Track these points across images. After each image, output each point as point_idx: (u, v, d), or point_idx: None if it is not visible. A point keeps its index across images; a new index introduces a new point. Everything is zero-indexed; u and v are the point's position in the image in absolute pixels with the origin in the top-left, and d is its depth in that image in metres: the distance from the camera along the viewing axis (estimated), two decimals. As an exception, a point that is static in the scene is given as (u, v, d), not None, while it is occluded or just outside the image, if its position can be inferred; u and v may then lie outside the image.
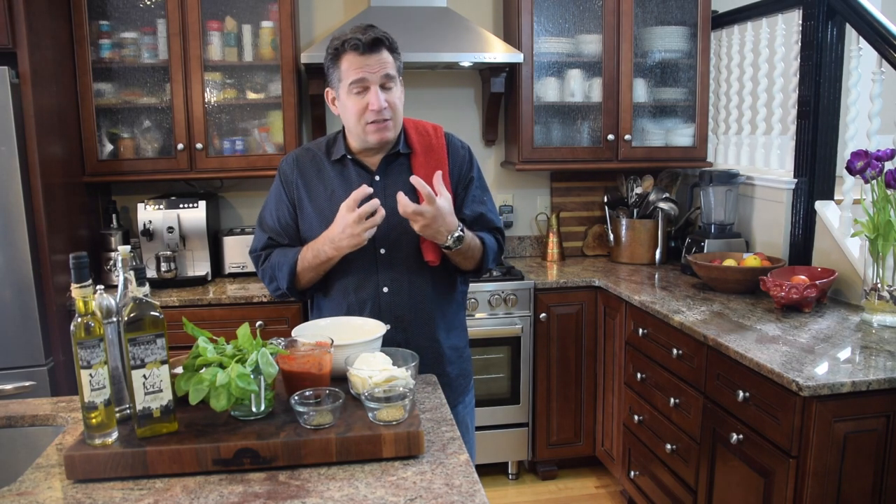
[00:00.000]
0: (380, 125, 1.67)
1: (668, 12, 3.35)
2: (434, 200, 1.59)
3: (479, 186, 1.84)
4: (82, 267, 1.22)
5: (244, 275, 3.19)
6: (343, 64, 1.66)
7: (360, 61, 1.64)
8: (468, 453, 1.31)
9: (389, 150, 1.77)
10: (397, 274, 1.75)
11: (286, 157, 1.85)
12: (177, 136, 3.04)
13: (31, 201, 2.58)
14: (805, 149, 2.71)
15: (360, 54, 1.64)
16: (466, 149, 1.87)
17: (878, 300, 2.21)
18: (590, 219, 3.70)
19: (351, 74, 1.65)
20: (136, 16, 3.03)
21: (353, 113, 1.68)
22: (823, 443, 1.79)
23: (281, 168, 1.83)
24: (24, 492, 1.21)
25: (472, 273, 1.83)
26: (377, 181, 1.76)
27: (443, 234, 1.64)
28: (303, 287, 1.79)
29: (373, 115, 1.66)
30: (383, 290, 1.75)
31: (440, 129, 1.84)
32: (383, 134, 1.69)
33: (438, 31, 3.09)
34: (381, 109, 1.66)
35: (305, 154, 1.82)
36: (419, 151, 1.78)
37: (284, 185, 1.81)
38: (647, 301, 2.64)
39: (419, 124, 1.84)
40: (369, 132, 1.68)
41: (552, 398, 3.14)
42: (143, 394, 1.26)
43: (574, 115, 3.41)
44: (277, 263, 1.78)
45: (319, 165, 1.80)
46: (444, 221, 1.63)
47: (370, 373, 1.37)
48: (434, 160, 1.77)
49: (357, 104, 1.67)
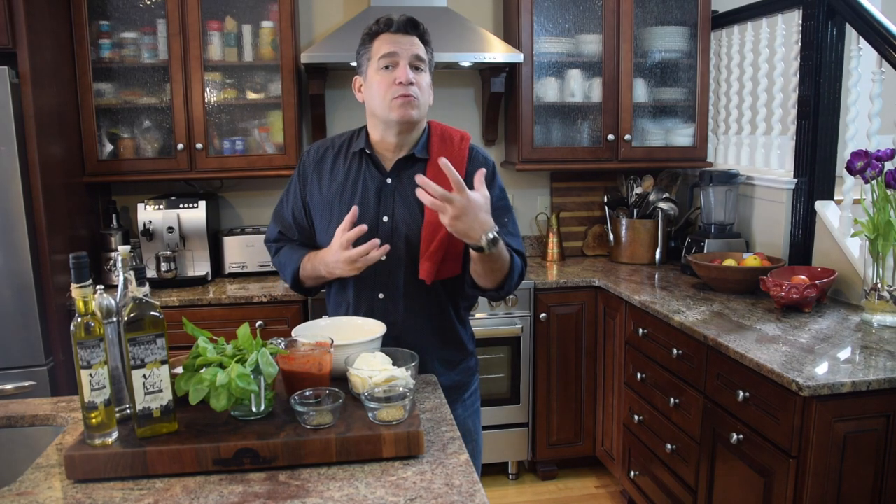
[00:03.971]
0: (405, 100, 1.61)
1: (668, 12, 3.35)
2: (464, 189, 1.43)
3: (499, 206, 1.70)
4: (82, 267, 1.22)
5: (244, 275, 3.19)
6: (375, 43, 1.65)
7: (393, 38, 1.63)
8: (467, 456, 1.31)
9: (407, 152, 1.71)
10: (396, 282, 1.71)
11: (308, 147, 1.84)
12: (177, 136, 3.04)
13: (31, 201, 2.58)
14: (805, 149, 2.71)
15: (394, 33, 1.63)
16: (491, 165, 1.77)
17: (878, 300, 2.21)
18: (590, 219, 3.70)
19: (382, 49, 1.63)
20: (136, 16, 3.03)
21: (381, 88, 1.63)
22: (823, 443, 1.79)
23: (301, 159, 1.83)
24: (24, 492, 1.21)
25: (493, 291, 1.67)
26: (388, 183, 1.72)
27: (476, 232, 1.47)
28: (308, 287, 1.81)
29: (400, 89, 1.60)
30: (379, 296, 1.72)
31: (467, 140, 1.76)
32: (407, 111, 1.62)
33: (438, 31, 3.09)
34: (409, 84, 1.61)
35: (325, 145, 1.81)
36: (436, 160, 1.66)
37: (300, 176, 1.81)
38: (647, 301, 2.64)
39: (446, 131, 1.77)
40: (394, 108, 1.62)
41: (552, 398, 3.14)
42: (143, 394, 1.26)
43: (574, 115, 3.41)
44: (283, 264, 1.80)
45: (336, 157, 1.77)
46: (478, 217, 1.46)
47: (370, 373, 1.37)
48: None
49: (385, 79, 1.62)
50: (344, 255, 1.57)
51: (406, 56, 1.63)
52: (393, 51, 1.62)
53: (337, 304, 1.80)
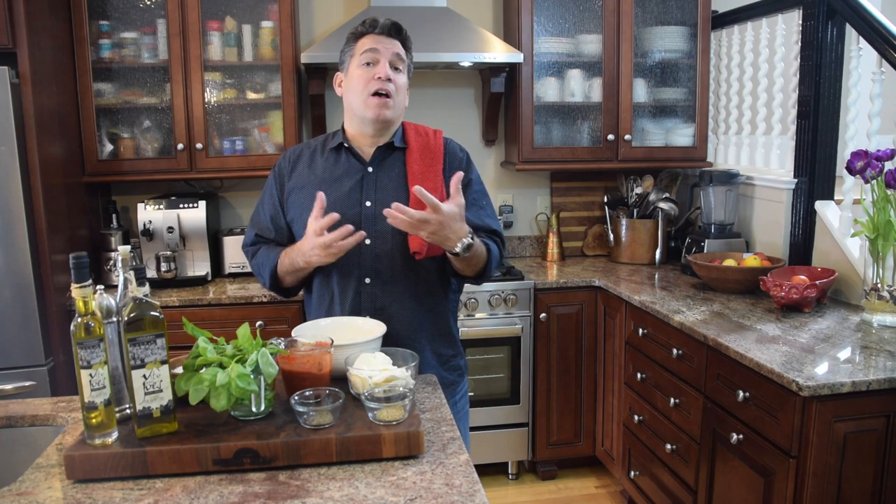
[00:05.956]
0: (381, 100, 1.69)
1: (668, 12, 3.35)
2: (439, 209, 1.51)
3: (476, 190, 1.82)
4: (82, 267, 1.22)
5: (244, 275, 3.19)
6: (359, 43, 1.74)
7: (377, 39, 1.72)
8: (467, 456, 1.31)
9: (385, 142, 1.77)
10: (382, 266, 1.72)
11: (283, 153, 1.88)
12: (177, 136, 3.04)
13: (31, 201, 2.58)
14: (805, 149, 2.71)
15: (377, 34, 1.73)
16: (465, 153, 1.86)
17: (878, 300, 2.21)
18: (590, 219, 3.70)
19: (364, 47, 1.71)
20: (136, 16, 3.03)
21: (359, 83, 1.70)
22: (823, 443, 1.79)
23: (277, 162, 1.86)
24: (24, 492, 1.21)
25: (473, 279, 1.78)
26: (369, 172, 1.76)
27: (452, 241, 1.58)
28: (287, 286, 1.82)
29: (377, 84, 1.68)
30: (365, 280, 1.73)
31: (440, 133, 1.85)
32: (382, 110, 1.70)
33: (438, 31, 3.09)
34: (386, 80, 1.69)
35: (299, 148, 1.87)
36: (414, 148, 1.78)
37: (276, 177, 1.84)
38: (647, 301, 2.64)
39: (419, 126, 1.85)
40: (370, 105, 1.70)
41: (552, 398, 3.14)
42: (143, 394, 1.26)
43: (574, 115, 3.41)
44: (261, 264, 1.81)
45: (313, 156, 1.82)
46: (453, 228, 1.56)
47: (370, 373, 1.37)
48: (429, 158, 1.77)
49: (364, 74, 1.70)
50: (318, 240, 1.59)
51: (387, 54, 1.72)
52: (374, 47, 1.71)
53: (320, 297, 1.79)
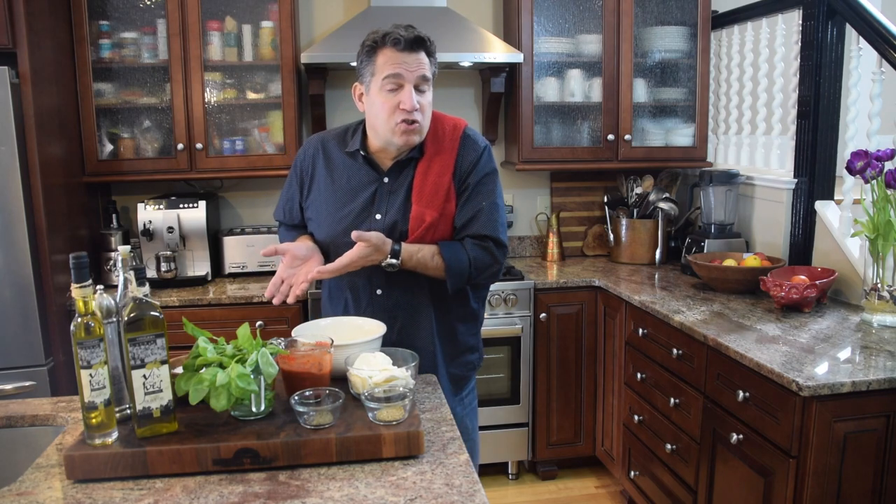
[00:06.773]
0: (409, 126, 1.64)
1: (668, 12, 3.35)
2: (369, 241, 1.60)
3: (479, 192, 1.74)
4: (82, 267, 1.22)
5: (244, 275, 3.19)
6: (379, 59, 1.63)
7: (399, 58, 1.61)
8: (467, 456, 1.31)
9: (406, 155, 1.73)
10: (393, 276, 1.72)
11: (303, 146, 1.87)
12: (177, 136, 3.04)
13: (31, 201, 2.58)
14: (805, 149, 2.71)
15: (400, 51, 1.61)
16: (485, 147, 1.79)
17: (878, 300, 2.21)
18: (590, 219, 3.70)
19: (387, 69, 1.62)
20: (136, 16, 3.02)
21: (384, 110, 1.64)
22: (823, 443, 1.79)
23: (297, 155, 1.87)
24: (24, 492, 1.21)
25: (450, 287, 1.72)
26: (385, 182, 1.75)
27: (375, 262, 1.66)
28: None
29: (404, 114, 1.62)
30: (377, 292, 1.76)
31: (459, 129, 1.78)
32: (411, 137, 1.66)
33: (438, 31, 3.09)
34: (413, 110, 1.62)
35: (320, 141, 1.84)
36: (427, 156, 1.74)
37: (297, 175, 1.85)
38: (647, 301, 2.64)
39: (440, 122, 1.78)
40: (397, 133, 1.65)
41: (552, 398, 3.14)
42: (143, 394, 1.26)
43: (574, 115, 3.41)
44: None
45: (331, 154, 1.81)
46: (370, 258, 1.63)
47: (370, 373, 1.38)
48: (438, 165, 1.74)
49: (388, 101, 1.63)
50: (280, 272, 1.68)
51: (412, 79, 1.63)
52: (398, 72, 1.62)
53: (336, 301, 1.83)
